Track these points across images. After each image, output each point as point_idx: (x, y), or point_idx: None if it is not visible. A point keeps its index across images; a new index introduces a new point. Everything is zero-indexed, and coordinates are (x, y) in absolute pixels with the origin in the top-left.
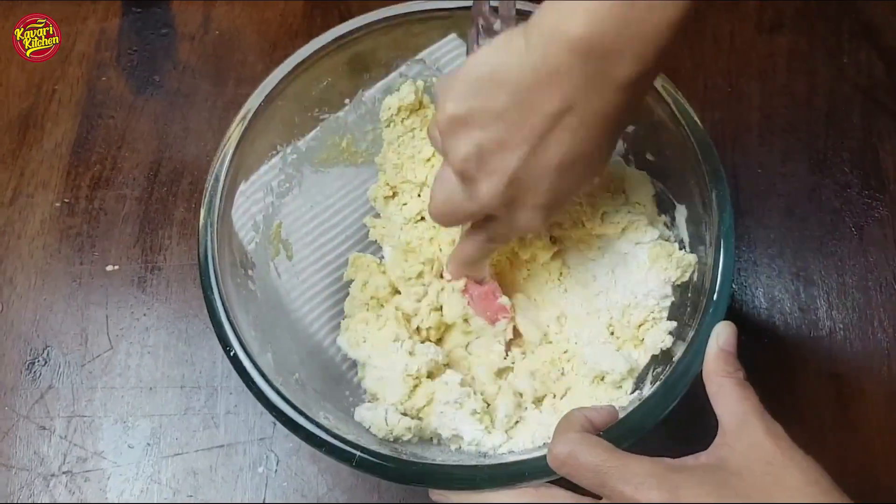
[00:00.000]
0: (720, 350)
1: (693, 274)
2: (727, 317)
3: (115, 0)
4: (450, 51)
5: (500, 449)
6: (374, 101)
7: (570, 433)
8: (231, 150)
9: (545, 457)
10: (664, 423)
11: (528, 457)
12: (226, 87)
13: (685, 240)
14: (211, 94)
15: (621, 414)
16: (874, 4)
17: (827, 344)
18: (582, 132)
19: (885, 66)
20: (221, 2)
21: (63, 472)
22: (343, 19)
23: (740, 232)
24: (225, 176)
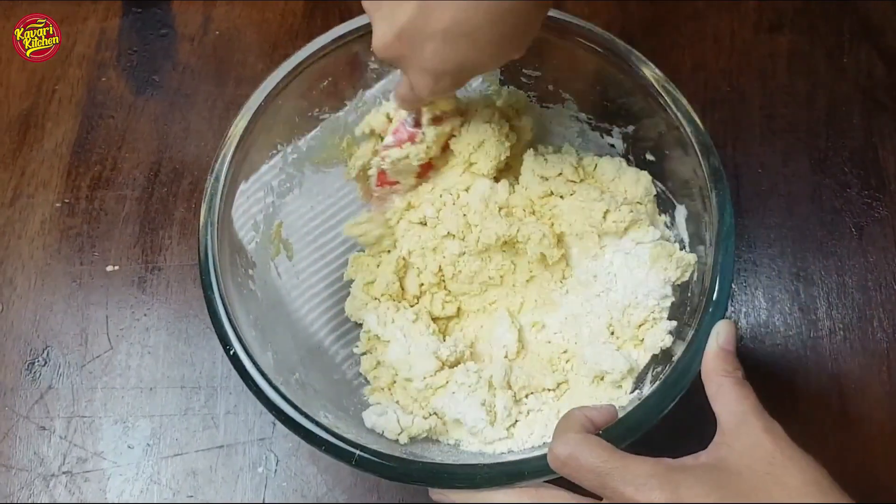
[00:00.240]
0: (720, 349)
1: (693, 274)
2: (726, 316)
3: (116, 0)
4: None
5: (499, 447)
6: (375, 101)
7: (571, 433)
8: (231, 150)
9: (545, 456)
10: (664, 422)
11: (528, 456)
12: (226, 88)
13: (685, 240)
14: (211, 95)
15: (621, 413)
16: (874, 4)
17: (826, 344)
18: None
19: (886, 66)
20: (221, 2)
21: (63, 473)
22: (343, 19)
23: (740, 231)
24: (225, 175)
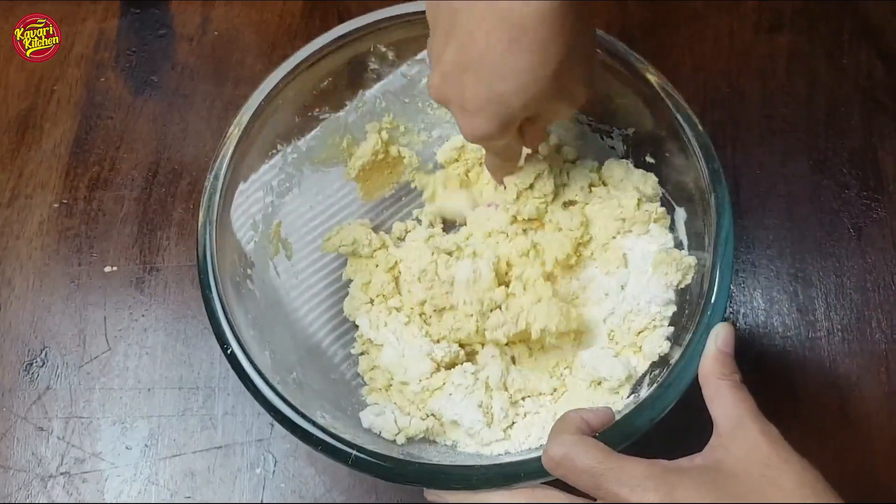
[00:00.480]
0: (718, 352)
1: (692, 276)
2: (725, 318)
3: (114, 0)
4: None
5: (496, 448)
6: (375, 101)
7: (566, 435)
8: (231, 150)
9: (541, 458)
10: (661, 425)
11: (524, 458)
12: (224, 88)
13: (684, 242)
14: (210, 95)
15: (618, 416)
16: (874, 4)
17: (825, 344)
18: (488, 30)
19: (885, 67)
20: (220, 2)
21: (61, 474)
22: (342, 19)
23: (739, 232)
24: (224, 175)
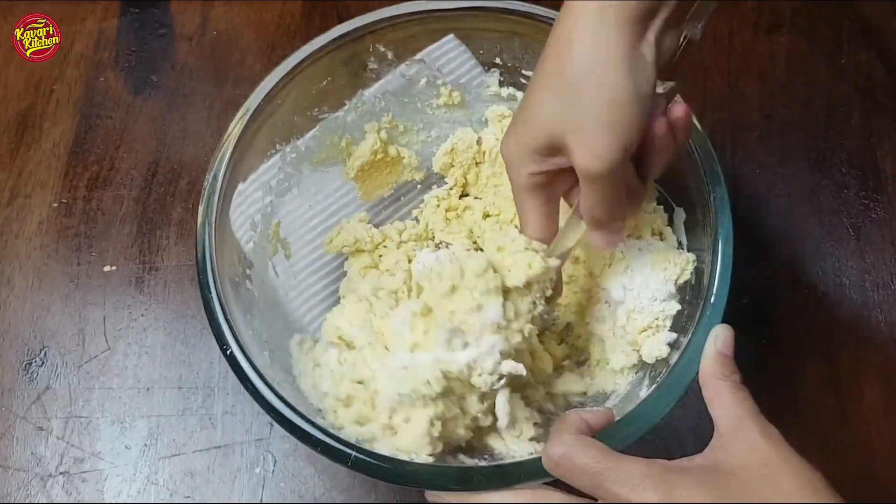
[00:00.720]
0: (717, 353)
1: (692, 276)
2: (724, 319)
3: (114, 0)
4: (449, 51)
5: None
6: (374, 101)
7: (566, 435)
8: (230, 150)
9: (540, 458)
10: (661, 426)
11: (524, 458)
12: (224, 88)
13: (683, 243)
14: (209, 95)
15: (618, 416)
16: (873, 5)
17: (825, 345)
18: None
19: (885, 67)
20: (219, 2)
21: (60, 473)
22: (341, 19)
23: (738, 233)
24: (223, 175)
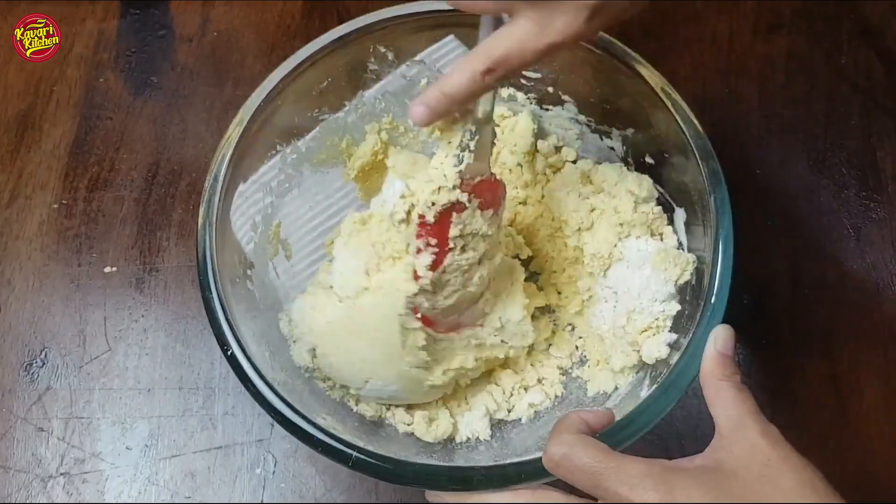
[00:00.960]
0: (718, 353)
1: (692, 277)
2: (724, 319)
3: (114, 1)
4: (449, 52)
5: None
6: (374, 102)
7: (566, 435)
8: (230, 151)
9: (541, 458)
10: (661, 426)
11: (524, 458)
12: (224, 89)
13: (684, 243)
14: (209, 96)
15: (618, 416)
16: (873, 5)
17: (824, 346)
18: None
19: (884, 67)
20: (220, 3)
21: (61, 474)
22: (341, 20)
23: (738, 233)
24: (224, 176)
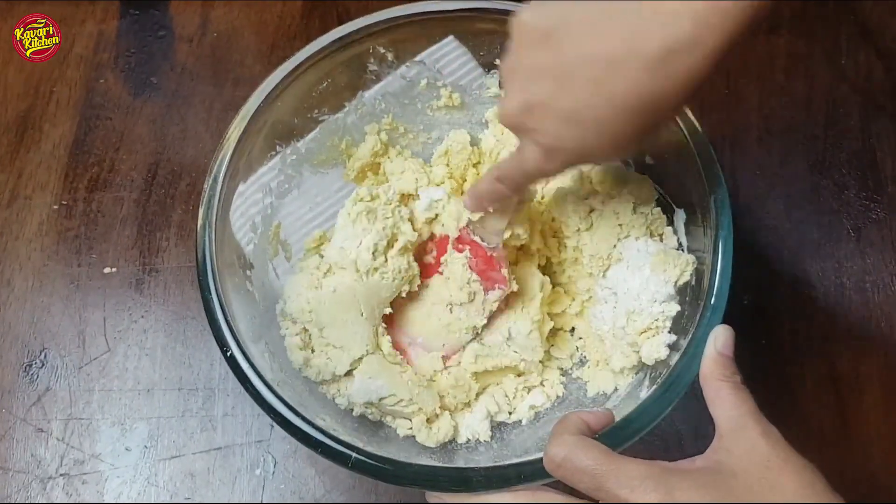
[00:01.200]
0: (718, 354)
1: (692, 277)
2: (724, 320)
3: (114, 1)
4: (449, 52)
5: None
6: (374, 103)
7: (566, 436)
8: (230, 152)
9: (541, 459)
10: (660, 426)
11: (524, 459)
12: (224, 89)
13: (684, 244)
14: (209, 96)
15: (618, 417)
16: (872, 5)
17: (824, 346)
18: (601, 90)
19: (884, 68)
20: (219, 4)
21: (60, 475)
22: (341, 21)
23: (738, 234)
24: (223, 177)
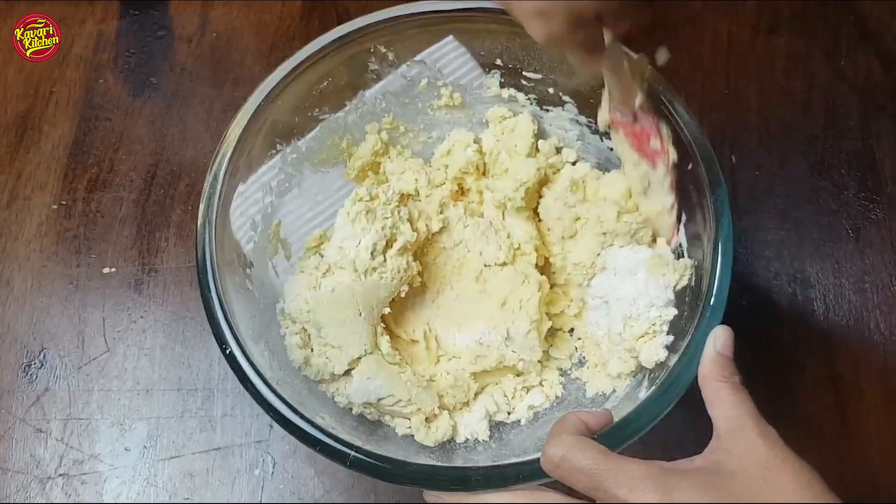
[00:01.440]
0: (717, 354)
1: (691, 279)
2: (724, 320)
3: (113, 1)
4: (449, 52)
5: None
6: (375, 102)
7: (565, 436)
8: (230, 150)
9: (539, 459)
10: (660, 427)
11: (523, 459)
12: (223, 89)
13: (683, 245)
14: (208, 97)
15: (617, 417)
16: (872, 6)
17: (824, 346)
18: None
19: (883, 68)
20: (219, 4)
21: (59, 475)
22: (340, 21)
23: (738, 234)
24: (224, 175)
